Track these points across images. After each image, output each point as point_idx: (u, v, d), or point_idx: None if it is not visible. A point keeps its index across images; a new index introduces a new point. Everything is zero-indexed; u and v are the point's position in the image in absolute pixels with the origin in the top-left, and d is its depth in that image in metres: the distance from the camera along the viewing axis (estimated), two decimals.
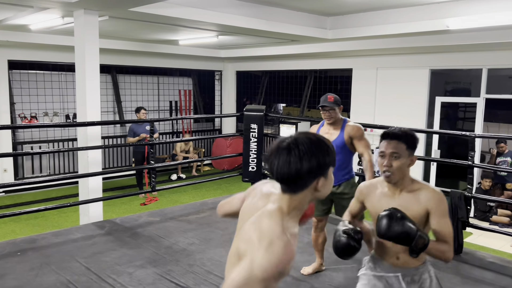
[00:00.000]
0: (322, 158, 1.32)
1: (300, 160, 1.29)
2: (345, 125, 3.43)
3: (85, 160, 5.00)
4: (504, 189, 7.41)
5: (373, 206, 2.09)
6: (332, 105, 3.37)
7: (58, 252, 3.89)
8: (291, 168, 1.28)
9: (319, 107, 3.40)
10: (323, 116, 3.42)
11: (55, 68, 8.80)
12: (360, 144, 3.39)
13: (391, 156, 1.97)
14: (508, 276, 3.62)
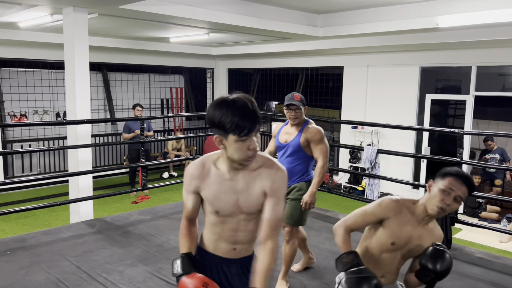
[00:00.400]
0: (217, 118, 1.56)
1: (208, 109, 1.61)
2: (305, 127, 3.23)
3: (75, 159, 4.97)
4: (493, 186, 7.50)
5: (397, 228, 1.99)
6: (299, 104, 3.18)
7: (48, 251, 3.87)
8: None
9: (284, 106, 3.21)
10: (288, 115, 3.22)
11: (45, 66, 8.72)
12: (317, 149, 3.19)
13: (455, 200, 1.93)
14: (495, 271, 3.67)
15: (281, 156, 3.30)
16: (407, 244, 2.02)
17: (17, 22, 6.04)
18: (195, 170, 1.73)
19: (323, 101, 9.73)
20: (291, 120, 3.24)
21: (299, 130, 3.23)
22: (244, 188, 1.69)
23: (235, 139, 1.56)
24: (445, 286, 3.35)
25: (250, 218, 1.73)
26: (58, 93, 8.90)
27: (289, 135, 3.25)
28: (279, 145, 3.30)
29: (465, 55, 7.14)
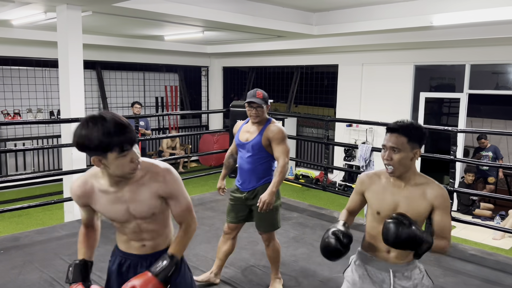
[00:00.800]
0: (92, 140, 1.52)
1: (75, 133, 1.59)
2: (266, 127, 3.07)
3: (69, 157, 4.95)
4: (486, 183, 7.55)
5: (376, 198, 2.02)
6: (261, 102, 3.02)
7: (41, 250, 3.85)
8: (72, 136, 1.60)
9: (245, 103, 3.06)
10: (248, 113, 3.06)
11: (39, 64, 8.67)
12: (278, 148, 3.02)
13: (391, 150, 1.94)
14: (488, 268, 3.70)
15: (242, 156, 3.14)
16: (395, 210, 1.97)
17: (10, 20, 6.00)
18: (77, 190, 1.74)
19: (318, 99, 9.75)
20: (252, 118, 3.08)
21: (260, 129, 3.07)
22: (131, 197, 1.71)
23: (115, 156, 1.56)
24: (439, 282, 3.38)
25: (148, 221, 1.77)
26: (51, 91, 8.85)
27: (250, 134, 3.10)
28: (239, 144, 3.14)
29: (459, 53, 7.18)
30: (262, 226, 3.15)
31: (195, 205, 4.82)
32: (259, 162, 3.08)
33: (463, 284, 3.39)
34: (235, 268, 3.55)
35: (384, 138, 1.99)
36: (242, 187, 3.16)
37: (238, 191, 3.19)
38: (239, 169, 3.19)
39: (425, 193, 1.96)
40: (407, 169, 1.97)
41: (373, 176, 2.08)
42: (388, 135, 1.97)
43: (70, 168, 4.92)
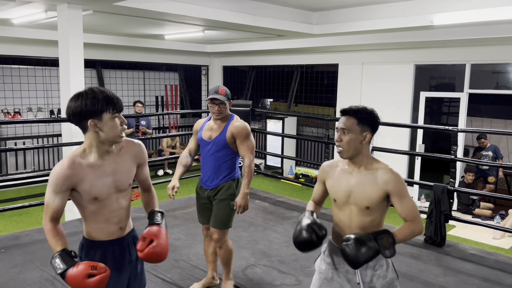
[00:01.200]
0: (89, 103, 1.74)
1: (69, 105, 1.81)
2: (230, 123, 3.04)
3: None
4: (486, 183, 7.55)
5: (333, 184, 2.06)
6: (223, 98, 2.98)
7: (42, 249, 3.85)
8: (67, 110, 1.83)
9: (208, 100, 3.02)
10: (211, 110, 3.02)
11: (39, 63, 8.67)
12: (243, 146, 3.01)
13: (342, 131, 1.98)
14: (488, 267, 3.71)
15: (205, 154, 3.09)
16: (349, 197, 1.99)
17: (10, 19, 6.00)
18: (66, 170, 1.80)
19: (318, 98, 9.75)
20: (215, 115, 3.03)
21: (224, 125, 3.04)
22: (115, 168, 1.89)
23: (109, 116, 1.78)
24: (439, 282, 3.39)
25: (123, 195, 1.96)
26: (52, 90, 8.84)
27: (214, 131, 3.06)
28: (202, 142, 3.10)
29: (459, 52, 7.18)
30: (215, 222, 3.07)
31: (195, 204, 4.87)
32: (224, 159, 3.05)
33: (463, 283, 3.39)
34: (235, 267, 3.55)
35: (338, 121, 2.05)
36: (205, 185, 3.12)
37: (201, 190, 3.16)
38: (203, 167, 3.15)
39: (376, 178, 1.96)
40: (358, 153, 1.99)
41: (332, 164, 2.12)
42: (341, 117, 2.03)
43: None
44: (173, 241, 4.14)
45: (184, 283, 3.29)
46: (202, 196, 3.16)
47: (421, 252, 4.01)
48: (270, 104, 11.39)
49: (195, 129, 3.21)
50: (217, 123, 3.07)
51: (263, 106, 11.31)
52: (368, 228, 1.97)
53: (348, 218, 2.01)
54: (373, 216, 1.98)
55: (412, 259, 3.83)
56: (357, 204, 1.98)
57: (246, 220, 4.65)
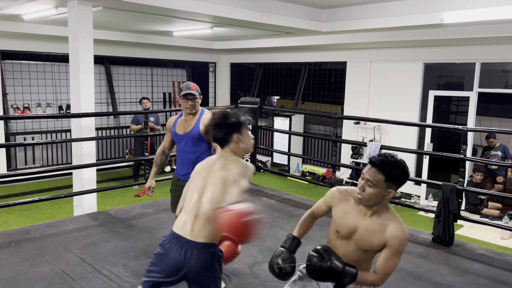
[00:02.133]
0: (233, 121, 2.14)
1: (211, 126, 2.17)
2: (202, 116, 3.21)
3: (79, 152, 4.99)
4: (494, 183, 7.50)
5: (340, 216, 2.05)
6: (196, 93, 3.16)
7: (52, 243, 3.89)
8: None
9: (182, 96, 3.15)
10: (184, 105, 3.17)
11: (48, 59, 8.73)
12: None
13: (366, 182, 1.93)
14: (497, 267, 3.69)
15: (182, 147, 3.24)
16: (352, 234, 2.01)
17: (21, 15, 6.04)
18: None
19: (325, 96, 9.72)
20: (188, 110, 3.18)
21: (196, 119, 3.21)
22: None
23: (246, 131, 2.17)
24: (447, 281, 3.38)
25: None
26: (61, 86, 8.90)
27: (187, 126, 3.21)
28: (177, 137, 3.25)
29: (469, 51, 7.12)
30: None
31: None
32: (201, 151, 3.20)
33: (472, 283, 3.38)
34: (243, 264, 3.57)
35: (364, 170, 1.97)
36: (183, 177, 3.22)
37: (179, 181, 3.26)
38: (180, 161, 3.28)
39: (385, 230, 1.96)
40: (377, 204, 1.97)
41: (345, 193, 2.09)
42: (369, 166, 1.95)
43: (80, 162, 4.96)
44: None
45: None
46: (180, 186, 3.24)
47: (429, 252, 4.00)
48: (277, 102, 11.38)
49: (169, 126, 3.33)
50: (189, 118, 3.22)
51: (270, 104, 11.30)
52: (361, 263, 2.02)
53: (344, 249, 2.04)
54: (367, 255, 2.05)
55: (420, 259, 3.82)
56: (357, 244, 2.02)
57: None
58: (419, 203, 7.74)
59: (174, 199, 3.35)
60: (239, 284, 3.23)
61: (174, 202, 3.35)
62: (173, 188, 3.36)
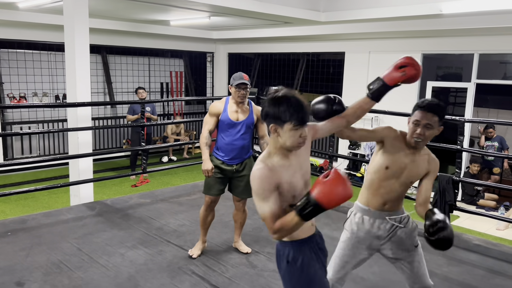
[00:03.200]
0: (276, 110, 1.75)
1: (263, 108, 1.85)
2: (253, 106, 3.44)
3: (75, 141, 4.97)
4: (491, 174, 7.53)
5: (391, 152, 2.23)
6: (248, 83, 3.32)
7: (49, 233, 3.89)
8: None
9: (235, 85, 3.28)
10: (238, 94, 3.30)
11: (44, 48, 8.65)
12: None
13: (425, 127, 2.16)
14: (492, 258, 3.71)
15: (233, 134, 3.36)
16: (402, 171, 2.23)
17: (16, 3, 5.97)
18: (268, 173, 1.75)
19: (323, 87, 9.69)
20: (239, 99, 3.31)
21: (249, 109, 3.40)
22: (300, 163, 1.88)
23: (289, 128, 1.75)
24: (443, 272, 3.40)
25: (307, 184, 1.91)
26: (57, 75, 8.84)
27: (240, 114, 3.36)
28: (230, 123, 3.35)
29: (468, 42, 7.10)
30: (249, 193, 3.24)
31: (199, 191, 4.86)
32: (248, 138, 3.44)
33: (467, 273, 3.40)
34: (239, 254, 3.58)
35: (417, 114, 2.19)
36: (231, 161, 3.41)
37: (224, 165, 3.42)
38: (227, 146, 3.40)
39: (428, 161, 2.29)
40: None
41: (399, 134, 2.27)
42: (423, 112, 2.17)
43: (76, 152, 4.94)
44: (177, 227, 4.17)
45: (188, 269, 3.31)
46: (227, 170, 3.42)
47: (425, 242, 4.01)
48: None
49: (217, 111, 3.40)
50: (240, 106, 3.36)
51: (268, 94, 11.27)
52: (402, 197, 2.32)
53: (390, 187, 2.25)
54: (407, 188, 2.31)
55: None
56: (405, 180, 2.25)
57: (251, 208, 4.67)
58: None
59: (212, 181, 3.45)
60: (235, 274, 3.24)
61: (211, 185, 3.47)
62: (215, 171, 3.42)
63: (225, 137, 3.40)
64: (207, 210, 3.51)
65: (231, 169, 3.42)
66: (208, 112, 3.44)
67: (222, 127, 3.40)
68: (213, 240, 3.83)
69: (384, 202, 2.27)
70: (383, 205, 2.28)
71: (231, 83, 3.34)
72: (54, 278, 3.09)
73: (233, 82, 3.31)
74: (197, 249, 3.55)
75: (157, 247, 3.68)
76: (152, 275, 3.19)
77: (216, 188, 3.45)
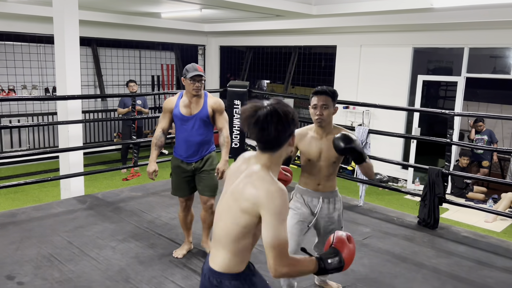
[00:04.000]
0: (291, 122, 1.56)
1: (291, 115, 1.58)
2: (207, 98, 3.23)
3: (65, 135, 4.93)
4: (480, 167, 7.61)
5: (305, 147, 2.63)
6: (203, 75, 3.15)
7: (39, 226, 3.87)
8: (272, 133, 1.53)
9: (190, 77, 3.08)
10: (192, 87, 3.10)
11: (33, 40, 8.54)
12: (221, 118, 3.26)
13: (322, 107, 2.54)
14: (480, 249, 3.77)
15: (188, 129, 3.19)
16: (320, 155, 2.60)
17: None
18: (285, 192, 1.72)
19: (315, 80, 9.70)
20: (194, 92, 3.13)
21: (203, 101, 3.20)
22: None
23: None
24: (432, 263, 3.44)
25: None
26: (47, 68, 8.74)
27: (193, 107, 3.18)
28: (182, 118, 3.19)
29: (458, 36, 7.14)
30: (211, 190, 3.32)
31: None
32: (207, 133, 3.26)
33: (456, 265, 3.45)
34: None
35: (313, 99, 2.57)
36: (189, 159, 3.25)
37: (184, 164, 3.27)
38: (184, 143, 3.24)
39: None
40: (330, 122, 2.60)
41: (301, 132, 2.65)
42: (318, 96, 2.56)
43: (66, 145, 4.91)
44: (169, 220, 4.17)
45: (179, 262, 3.32)
46: (185, 169, 3.27)
47: (415, 234, 4.06)
48: (267, 86, 11.34)
49: (169, 107, 3.23)
50: (193, 99, 3.18)
51: (260, 88, 11.26)
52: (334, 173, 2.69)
53: (318, 169, 2.63)
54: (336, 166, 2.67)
55: (405, 241, 3.88)
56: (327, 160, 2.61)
57: None
58: (406, 187, 7.83)
59: (177, 182, 3.33)
60: None
61: (177, 186, 3.34)
62: (175, 171, 3.32)
63: (180, 134, 3.24)
64: (183, 211, 3.41)
65: (189, 169, 3.26)
66: (163, 109, 3.27)
67: (177, 124, 3.24)
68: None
69: (318, 182, 2.65)
70: (317, 185, 2.65)
71: (184, 75, 3.14)
72: (44, 272, 3.08)
73: (186, 74, 3.11)
74: (182, 250, 3.45)
75: (148, 240, 3.68)
76: (143, 268, 3.20)
77: (183, 188, 3.32)
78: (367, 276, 3.22)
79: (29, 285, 2.91)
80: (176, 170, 3.31)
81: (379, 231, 4.11)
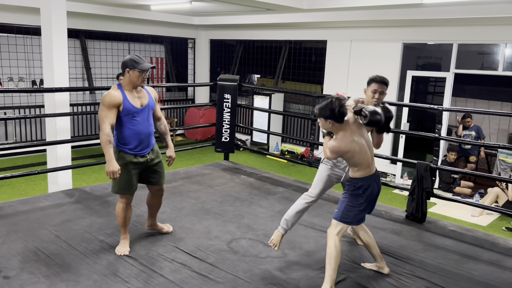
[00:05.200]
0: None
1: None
2: (147, 88, 3.29)
3: (53, 128, 4.87)
4: (467, 162, 7.70)
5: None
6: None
7: (25, 220, 3.82)
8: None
9: (140, 69, 3.05)
10: (139, 79, 3.09)
11: (20, 31, 8.41)
12: (159, 107, 3.40)
13: (381, 94, 3.30)
14: (466, 243, 3.82)
15: (141, 121, 3.15)
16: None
17: None
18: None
19: (305, 75, 9.71)
20: (142, 83, 3.14)
21: (145, 91, 3.25)
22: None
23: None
24: (419, 257, 3.48)
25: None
26: (34, 60, 8.62)
27: (142, 99, 3.19)
28: (136, 111, 3.12)
29: (447, 32, 7.19)
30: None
31: (181, 178, 4.82)
32: (153, 122, 3.34)
33: (442, 258, 3.49)
34: (220, 241, 3.59)
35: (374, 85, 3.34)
36: (143, 152, 3.23)
37: (137, 158, 3.21)
38: (136, 136, 3.17)
39: None
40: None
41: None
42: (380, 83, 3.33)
43: (54, 138, 4.85)
44: (158, 214, 4.14)
45: (167, 255, 3.31)
46: (138, 163, 3.23)
47: (403, 228, 4.10)
48: (257, 80, 11.32)
49: (117, 101, 3.06)
50: (137, 91, 3.20)
51: (250, 82, 11.23)
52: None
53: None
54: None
55: (393, 235, 3.91)
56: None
57: (232, 195, 4.68)
58: (394, 181, 7.89)
59: (128, 179, 3.22)
60: (217, 260, 3.26)
61: (129, 183, 3.25)
62: (126, 168, 3.17)
63: (132, 127, 3.13)
64: (128, 207, 3.32)
65: (144, 161, 3.22)
66: (106, 105, 3.03)
67: (127, 117, 3.12)
68: (193, 227, 3.83)
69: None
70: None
71: (132, 66, 3.04)
72: (31, 266, 3.05)
73: (136, 66, 3.04)
74: (125, 246, 3.33)
75: (136, 234, 3.66)
76: (131, 262, 3.18)
77: (134, 184, 3.28)
78: (356, 269, 3.24)
79: (16, 279, 2.88)
80: (127, 167, 3.18)
81: (367, 225, 4.13)
